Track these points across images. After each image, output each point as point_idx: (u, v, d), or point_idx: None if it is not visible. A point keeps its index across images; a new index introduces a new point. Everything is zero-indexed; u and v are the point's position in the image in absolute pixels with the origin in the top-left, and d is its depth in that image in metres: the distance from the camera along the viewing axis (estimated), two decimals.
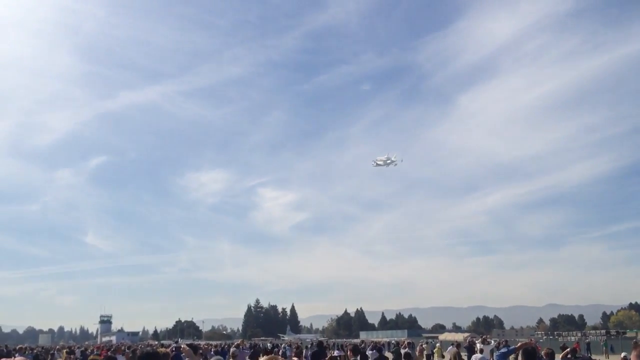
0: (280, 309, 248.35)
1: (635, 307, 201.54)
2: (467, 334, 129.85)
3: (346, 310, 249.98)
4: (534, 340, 60.29)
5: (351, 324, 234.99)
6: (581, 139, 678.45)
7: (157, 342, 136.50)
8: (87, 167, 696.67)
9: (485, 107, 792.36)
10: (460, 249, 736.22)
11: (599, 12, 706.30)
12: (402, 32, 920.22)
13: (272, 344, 57.16)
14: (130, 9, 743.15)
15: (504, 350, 9.47)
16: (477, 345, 28.01)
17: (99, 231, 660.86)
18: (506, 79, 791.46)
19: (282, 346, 47.52)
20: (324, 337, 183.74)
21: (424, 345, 43.69)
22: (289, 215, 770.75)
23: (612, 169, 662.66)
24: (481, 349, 24.25)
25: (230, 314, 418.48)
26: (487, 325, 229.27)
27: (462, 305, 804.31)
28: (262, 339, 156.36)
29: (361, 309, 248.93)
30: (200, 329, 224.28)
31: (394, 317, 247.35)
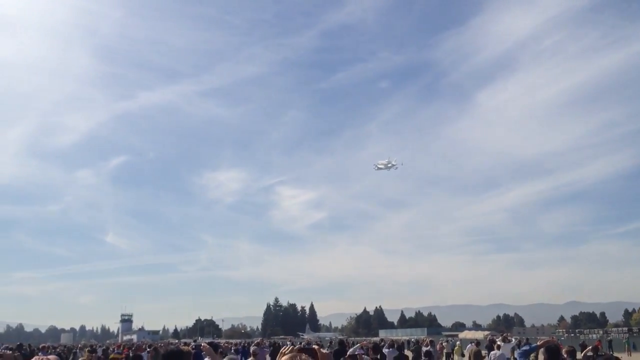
0: (299, 308, 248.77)
1: None
2: (487, 332, 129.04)
3: (365, 308, 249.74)
4: (555, 338, 59.75)
5: (370, 322, 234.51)
6: (601, 135, 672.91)
7: (178, 340, 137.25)
8: (106, 167, 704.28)
9: (504, 104, 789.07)
10: (479, 247, 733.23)
11: (618, 7, 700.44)
12: (419, 29, 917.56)
13: (291, 343, 57.33)
14: (146, 9, 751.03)
15: (525, 348, 9.39)
16: (498, 343, 27.82)
17: (119, 231, 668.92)
18: (525, 75, 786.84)
19: (303, 344, 47.57)
20: (343, 335, 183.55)
21: (444, 343, 43.52)
22: (307, 213, 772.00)
23: (633, 165, 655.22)
24: (498, 345, 24.08)
25: (249, 313, 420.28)
26: (507, 323, 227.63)
27: (482, 303, 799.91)
28: (281, 337, 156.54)
29: (380, 307, 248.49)
30: (220, 327, 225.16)
31: (413, 315, 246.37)
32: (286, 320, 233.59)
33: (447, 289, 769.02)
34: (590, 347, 15.43)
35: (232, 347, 30.66)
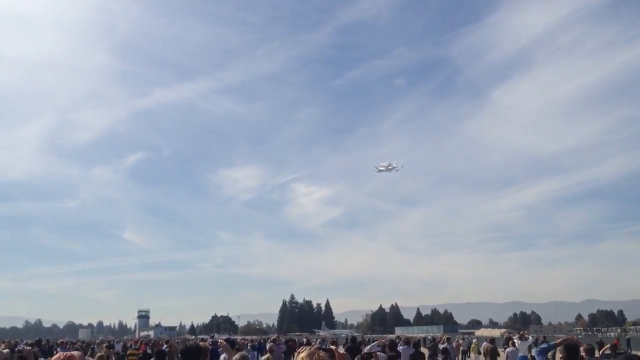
0: (315, 305, 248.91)
1: None
2: (503, 330, 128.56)
3: (381, 305, 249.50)
4: (574, 336, 59.35)
5: (386, 319, 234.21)
6: (619, 132, 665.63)
7: (194, 336, 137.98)
8: (123, 164, 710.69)
9: (519, 101, 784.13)
10: (495, 244, 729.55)
11: (636, 3, 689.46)
12: (434, 25, 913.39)
13: (307, 340, 57.34)
14: (164, 7, 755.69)
15: (544, 345, 9.32)
16: (514, 341, 27.70)
17: (136, 227, 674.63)
18: (541, 72, 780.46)
19: (318, 342, 47.62)
20: (359, 332, 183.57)
21: (460, 341, 43.39)
22: (322, 210, 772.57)
23: None
24: (513, 342, 23.98)
25: (265, 310, 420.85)
26: (524, 321, 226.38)
27: (498, 301, 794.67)
28: (297, 334, 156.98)
29: (396, 304, 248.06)
30: (236, 324, 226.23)
31: (429, 312, 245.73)
32: (302, 317, 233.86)
33: (463, 286, 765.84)
34: (608, 345, 15.31)
35: (249, 344, 30.75)
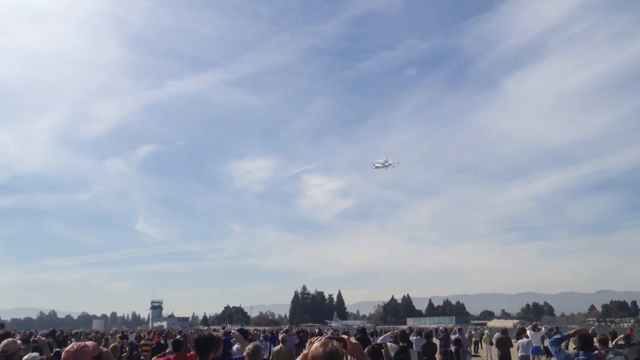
0: (327, 296, 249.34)
1: None
2: (516, 321, 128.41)
3: (393, 296, 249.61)
4: (587, 327, 59.12)
5: (398, 310, 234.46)
6: (632, 122, 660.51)
7: (207, 327, 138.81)
8: (136, 156, 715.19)
9: (532, 91, 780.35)
10: (507, 235, 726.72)
11: None
12: (445, 15, 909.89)
13: (319, 330, 57.55)
14: None
15: (557, 336, 9.26)
16: (527, 332, 27.62)
17: (149, 219, 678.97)
18: (554, 61, 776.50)
19: (330, 332, 47.76)
20: (371, 323, 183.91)
21: (473, 332, 43.37)
22: (334, 202, 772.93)
23: None
24: (525, 334, 23.89)
25: (277, 301, 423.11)
26: (536, 312, 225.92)
27: (510, 291, 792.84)
28: (309, 325, 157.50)
29: (408, 295, 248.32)
30: (248, 314, 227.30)
31: (441, 303, 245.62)
32: (314, 308, 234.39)
33: (475, 277, 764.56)
34: (621, 335, 15.25)
35: (261, 334, 30.91)
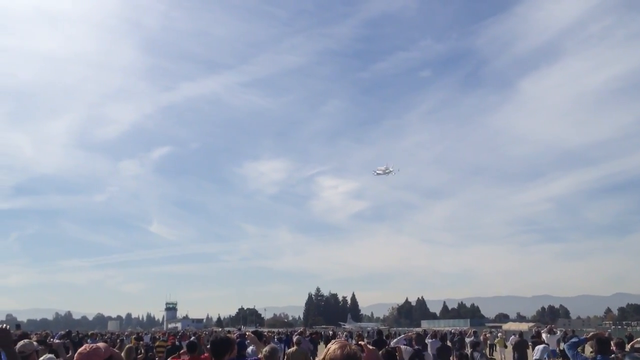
0: (340, 298, 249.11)
1: None
2: (531, 324, 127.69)
3: (407, 299, 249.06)
4: (603, 330, 58.55)
5: (412, 312, 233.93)
6: None
7: (221, 328, 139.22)
8: (150, 158, 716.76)
9: (548, 92, 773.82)
10: (523, 237, 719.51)
11: None
12: (460, 16, 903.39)
13: (332, 332, 57.50)
14: (189, 1, 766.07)
15: (574, 340, 9.17)
16: (543, 335, 27.43)
17: (163, 220, 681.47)
18: (570, 62, 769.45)
19: (344, 334, 47.68)
20: (385, 325, 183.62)
21: (488, 334, 43.12)
22: (348, 203, 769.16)
23: None
24: (537, 334, 23.71)
25: (291, 302, 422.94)
26: (552, 314, 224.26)
27: (526, 294, 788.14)
28: (323, 327, 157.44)
29: (422, 297, 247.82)
30: (262, 316, 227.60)
31: (455, 306, 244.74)
32: (328, 310, 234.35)
33: (490, 279, 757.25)
34: (638, 339, 15.08)
35: (275, 336, 30.94)
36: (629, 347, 13.69)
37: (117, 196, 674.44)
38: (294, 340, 17.89)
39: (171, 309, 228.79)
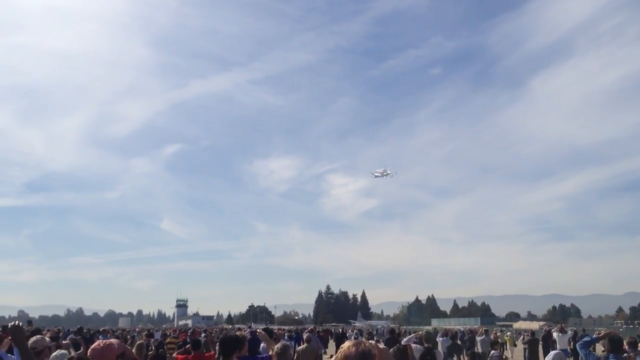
0: (351, 295, 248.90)
1: None
2: (542, 323, 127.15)
3: (417, 297, 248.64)
4: (615, 330, 58.17)
5: (422, 310, 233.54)
6: None
7: (232, 325, 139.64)
8: (161, 155, 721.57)
9: (560, 90, 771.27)
10: (534, 236, 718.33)
11: None
12: (471, 14, 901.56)
13: (342, 330, 57.44)
14: None
15: (587, 339, 9.12)
16: (554, 334, 27.29)
17: (174, 217, 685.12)
18: (582, 60, 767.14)
19: (354, 332, 47.66)
20: (395, 323, 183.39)
21: (498, 333, 42.98)
22: (358, 201, 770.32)
23: None
24: (548, 333, 23.56)
25: (301, 300, 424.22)
26: (563, 313, 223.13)
27: (536, 293, 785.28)
28: (333, 324, 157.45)
29: (432, 296, 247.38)
30: (272, 314, 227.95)
31: (466, 304, 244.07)
32: (338, 307, 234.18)
33: (501, 278, 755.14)
34: None
35: (286, 333, 31.01)
36: None
37: (128, 193, 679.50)
38: (305, 337, 17.92)
39: (182, 305, 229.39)
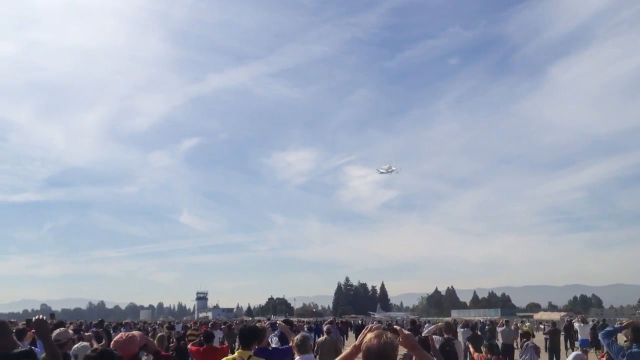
0: (370, 287, 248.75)
1: None
2: (563, 313, 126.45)
3: (437, 288, 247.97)
4: (638, 319, 57.60)
5: (442, 302, 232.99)
6: None
7: (251, 318, 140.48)
8: (180, 149, 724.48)
9: (579, 79, 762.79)
10: (554, 226, 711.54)
11: None
12: (489, 3, 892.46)
13: (362, 322, 57.57)
14: None
15: (609, 329, 9.05)
16: (575, 324, 27.13)
17: (193, 211, 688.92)
18: (601, 48, 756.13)
19: (374, 324, 47.71)
20: (414, 315, 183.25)
21: (519, 324, 42.79)
22: (376, 193, 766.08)
23: None
24: (570, 324, 23.41)
25: (320, 292, 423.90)
26: (584, 304, 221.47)
27: (557, 283, 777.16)
28: (352, 316, 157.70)
29: (452, 287, 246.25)
30: (291, 306, 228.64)
31: (486, 295, 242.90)
32: (357, 299, 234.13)
33: (521, 269, 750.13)
34: None
35: (306, 325, 31.16)
36: None
37: (147, 187, 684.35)
38: (324, 329, 17.95)
39: (202, 298, 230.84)
